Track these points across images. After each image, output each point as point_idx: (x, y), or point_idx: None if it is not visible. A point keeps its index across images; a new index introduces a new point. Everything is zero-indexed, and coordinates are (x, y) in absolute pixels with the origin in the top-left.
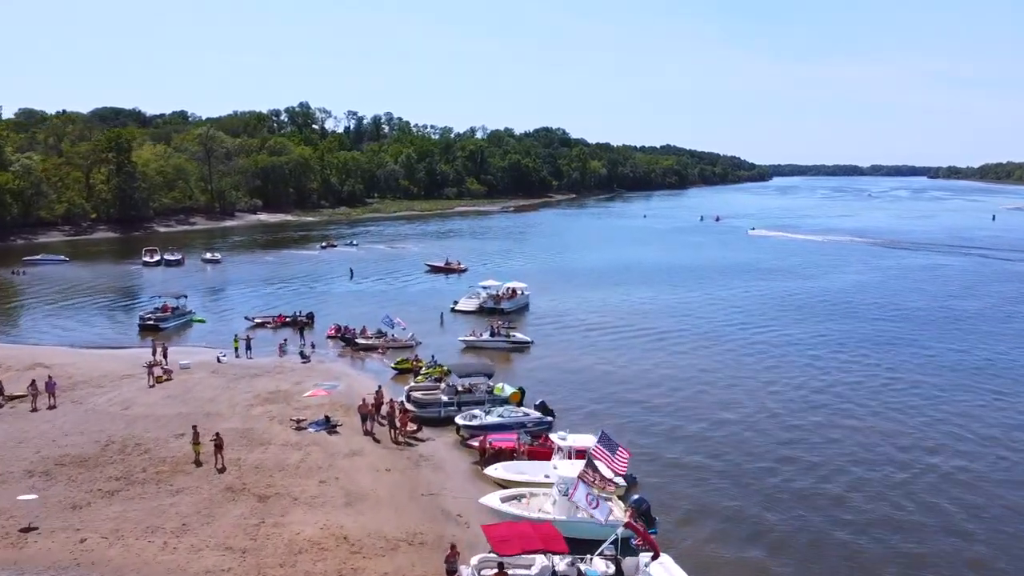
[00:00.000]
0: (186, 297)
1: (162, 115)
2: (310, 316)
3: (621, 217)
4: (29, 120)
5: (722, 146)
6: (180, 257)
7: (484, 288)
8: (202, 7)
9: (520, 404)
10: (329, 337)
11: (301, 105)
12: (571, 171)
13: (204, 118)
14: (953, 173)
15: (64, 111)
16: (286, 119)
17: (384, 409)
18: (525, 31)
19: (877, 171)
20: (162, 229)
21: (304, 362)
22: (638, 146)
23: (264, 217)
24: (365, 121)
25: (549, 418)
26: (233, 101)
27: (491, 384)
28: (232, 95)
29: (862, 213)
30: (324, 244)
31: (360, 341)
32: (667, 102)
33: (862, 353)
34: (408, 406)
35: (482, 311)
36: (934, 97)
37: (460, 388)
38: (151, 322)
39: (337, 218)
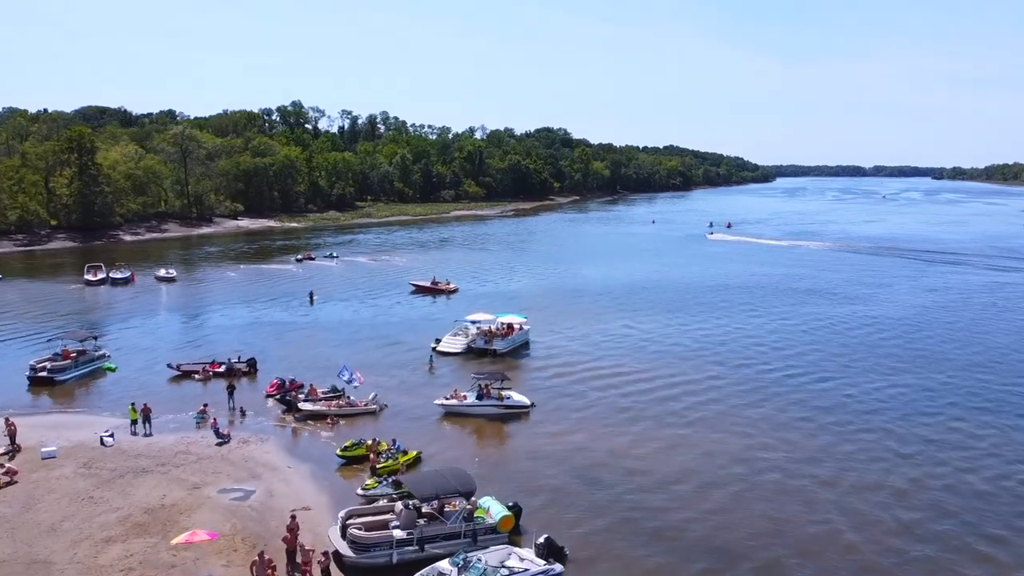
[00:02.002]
0: (95, 339)
1: (149, 114)
2: (251, 363)
3: (629, 223)
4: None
5: (723, 146)
6: (129, 275)
7: (473, 323)
8: (197, 5)
9: (515, 529)
10: (268, 396)
11: (293, 104)
12: (573, 172)
13: (192, 117)
14: (959, 174)
15: (45, 110)
16: (278, 119)
17: (302, 548)
18: (526, 31)
19: (879, 172)
20: (128, 237)
21: (220, 443)
22: (641, 146)
23: (245, 223)
24: (360, 121)
25: (557, 567)
26: (227, 101)
27: (471, 504)
28: (226, 95)
29: (886, 218)
30: (300, 257)
31: (304, 406)
32: (669, 102)
33: (969, 428)
34: (342, 547)
35: (471, 352)
36: (935, 97)
37: (425, 510)
38: (44, 374)
39: (324, 224)
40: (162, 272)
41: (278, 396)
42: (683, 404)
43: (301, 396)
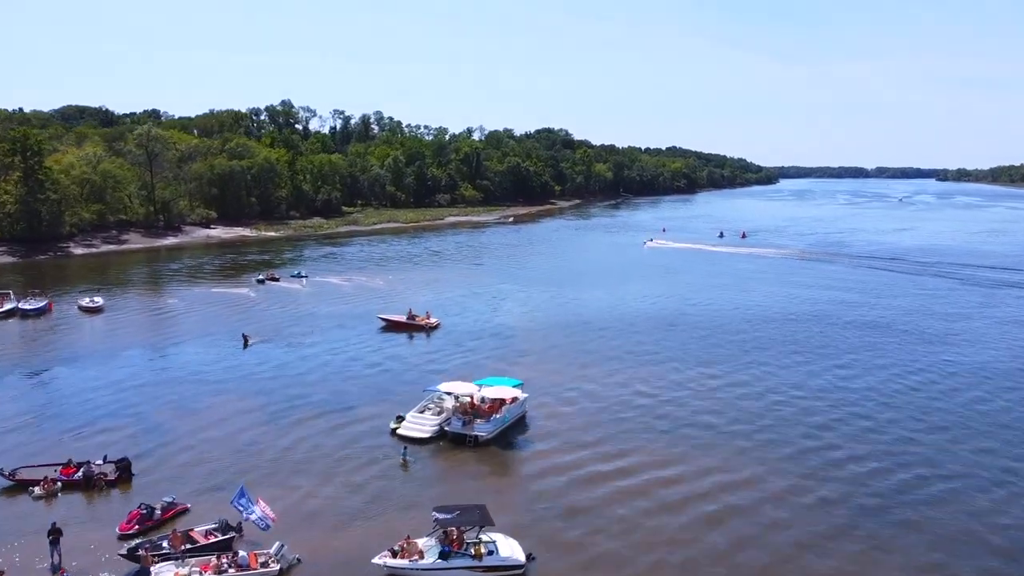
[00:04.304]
0: None
1: (132, 114)
2: (122, 466)
3: (637, 230)
4: None
5: (725, 147)
6: (44, 304)
7: (448, 394)
8: (191, 3)
9: None
10: (122, 536)
11: (283, 103)
12: (575, 175)
13: (177, 117)
14: (963, 175)
15: (21, 109)
16: (266, 119)
17: None
18: (525, 30)
19: (882, 173)
20: (79, 251)
21: None
22: (643, 148)
23: (217, 232)
24: (353, 121)
25: None
26: (222, 101)
27: None
28: (223, 95)
29: (915, 226)
30: (262, 277)
31: (161, 573)
32: (670, 102)
33: None
34: None
35: (444, 438)
36: (936, 97)
37: None
38: None
39: (305, 233)
40: (86, 301)
41: (127, 549)
42: (737, 550)
43: (163, 547)
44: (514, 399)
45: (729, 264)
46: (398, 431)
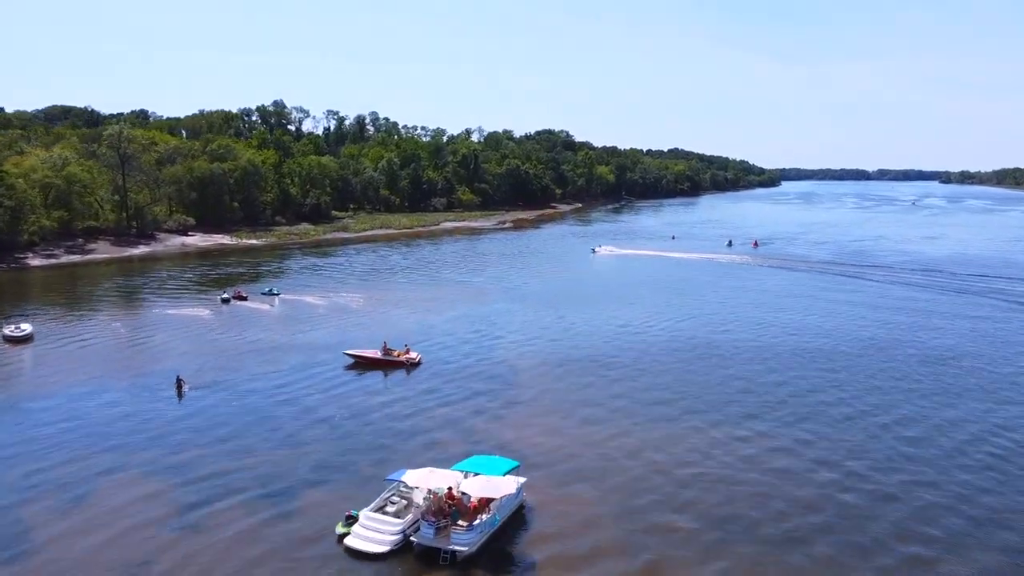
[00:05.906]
0: None
1: (120, 114)
2: None
3: (644, 237)
4: None
5: (725, 149)
6: None
7: (414, 488)
8: (191, 3)
9: None
10: None
11: (275, 104)
12: (576, 177)
13: (165, 118)
14: (967, 178)
15: (2, 108)
16: (258, 119)
17: None
18: (525, 31)
19: (884, 175)
20: (37, 262)
21: None
22: (644, 150)
23: (195, 240)
24: (348, 122)
25: None
26: (216, 102)
27: None
28: (218, 95)
29: (944, 233)
30: (228, 295)
31: None
32: (670, 104)
33: None
34: None
35: (408, 551)
36: (936, 99)
37: None
38: None
39: (290, 240)
40: (10, 329)
41: None
42: None
43: None
44: (511, 492)
45: (746, 279)
46: (346, 540)
